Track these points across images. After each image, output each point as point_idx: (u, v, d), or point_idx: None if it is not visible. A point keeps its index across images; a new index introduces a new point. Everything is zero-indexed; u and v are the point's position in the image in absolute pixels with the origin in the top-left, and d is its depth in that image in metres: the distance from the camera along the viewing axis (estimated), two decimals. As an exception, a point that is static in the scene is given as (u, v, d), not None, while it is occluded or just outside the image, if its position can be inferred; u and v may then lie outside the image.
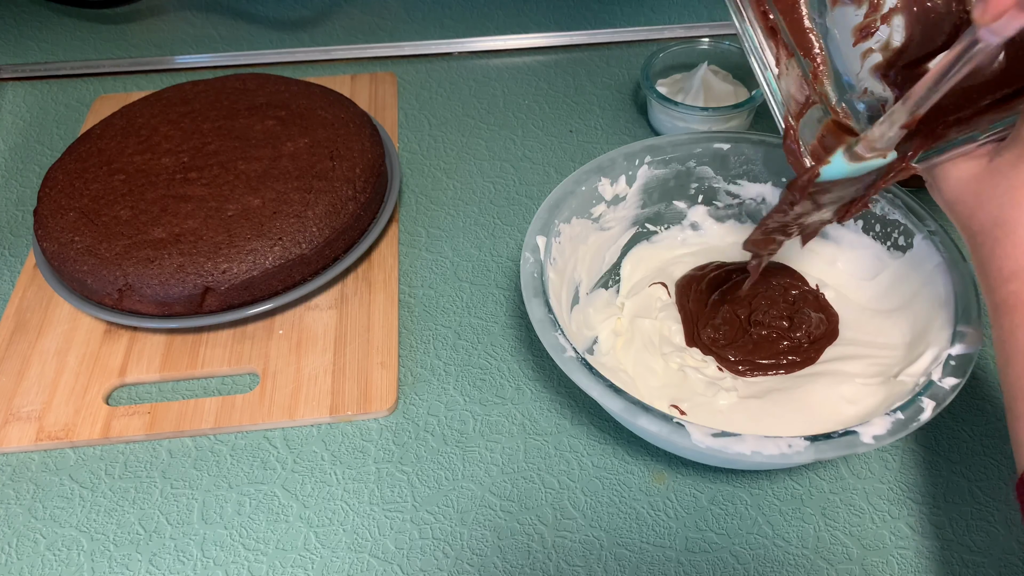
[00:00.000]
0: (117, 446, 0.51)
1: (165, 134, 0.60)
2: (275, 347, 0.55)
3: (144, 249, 0.53)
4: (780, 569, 0.46)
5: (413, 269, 0.61)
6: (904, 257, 0.51)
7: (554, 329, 0.45)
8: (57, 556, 0.47)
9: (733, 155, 0.56)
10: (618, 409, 0.41)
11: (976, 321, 0.45)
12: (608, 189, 0.55)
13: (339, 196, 0.57)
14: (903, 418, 0.40)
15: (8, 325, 0.57)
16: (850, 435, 0.40)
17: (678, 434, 0.40)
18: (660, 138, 0.57)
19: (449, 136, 0.72)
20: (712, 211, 0.59)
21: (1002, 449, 0.50)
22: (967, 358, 0.43)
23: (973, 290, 0.46)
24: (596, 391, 0.42)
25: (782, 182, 0.56)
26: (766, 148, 0.56)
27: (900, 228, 0.52)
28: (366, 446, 0.51)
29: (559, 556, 0.46)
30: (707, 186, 0.58)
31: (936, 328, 0.46)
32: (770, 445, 0.39)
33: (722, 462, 0.47)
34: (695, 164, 0.57)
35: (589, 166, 0.55)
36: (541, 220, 0.51)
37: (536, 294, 0.47)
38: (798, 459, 0.39)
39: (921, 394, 0.41)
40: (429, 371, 0.55)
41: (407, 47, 0.81)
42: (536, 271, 0.48)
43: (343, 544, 0.47)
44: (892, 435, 0.40)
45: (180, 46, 0.83)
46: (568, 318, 0.52)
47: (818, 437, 0.40)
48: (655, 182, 0.57)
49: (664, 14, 0.85)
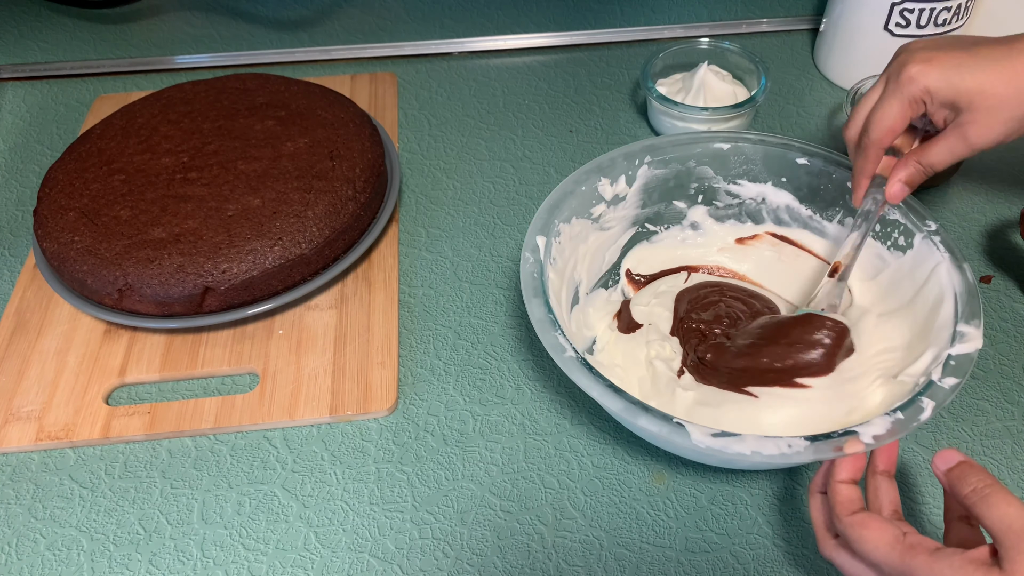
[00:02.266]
0: (117, 446, 0.51)
1: (165, 134, 0.60)
2: (275, 347, 0.55)
3: (144, 249, 0.53)
4: (780, 569, 0.46)
5: (413, 269, 0.61)
6: (904, 257, 0.51)
7: (554, 329, 0.45)
8: (57, 556, 0.47)
9: (733, 155, 0.56)
10: (618, 409, 0.41)
11: (976, 321, 0.44)
12: (608, 189, 0.55)
13: (339, 196, 0.57)
14: (903, 418, 0.40)
15: (8, 325, 0.57)
16: (850, 435, 0.40)
17: (678, 434, 0.40)
18: (660, 138, 0.57)
19: (449, 136, 0.72)
20: (712, 211, 0.59)
21: (1002, 449, 0.50)
22: (967, 358, 0.43)
23: (974, 290, 0.46)
24: (596, 391, 0.42)
25: (782, 182, 0.57)
26: (765, 148, 0.56)
27: (900, 228, 0.51)
28: (366, 446, 0.51)
29: (559, 556, 0.46)
30: (707, 186, 0.58)
31: (936, 328, 0.46)
32: (770, 445, 0.39)
33: (722, 462, 0.47)
34: (695, 164, 0.57)
35: (589, 166, 0.54)
36: (541, 220, 0.51)
37: (536, 294, 0.47)
38: (797, 459, 0.39)
39: (921, 394, 0.41)
40: (429, 371, 0.55)
41: (407, 47, 0.81)
42: (536, 271, 0.48)
43: (343, 544, 0.47)
44: (892, 435, 0.40)
45: (180, 46, 0.83)
46: (568, 318, 0.52)
47: (818, 437, 0.40)
48: (655, 182, 0.57)
49: (664, 14, 0.85)
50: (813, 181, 0.56)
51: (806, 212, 0.57)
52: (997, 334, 0.56)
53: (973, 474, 0.36)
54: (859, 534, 0.37)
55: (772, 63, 0.79)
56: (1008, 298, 0.58)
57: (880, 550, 0.36)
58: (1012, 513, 0.33)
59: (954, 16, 0.68)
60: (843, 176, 0.54)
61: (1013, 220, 0.63)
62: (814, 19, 0.84)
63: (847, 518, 0.38)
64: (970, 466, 0.36)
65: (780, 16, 0.85)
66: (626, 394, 0.42)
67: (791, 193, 0.57)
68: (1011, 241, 0.62)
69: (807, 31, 0.83)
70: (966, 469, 0.36)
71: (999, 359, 0.55)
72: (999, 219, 0.63)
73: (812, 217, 0.57)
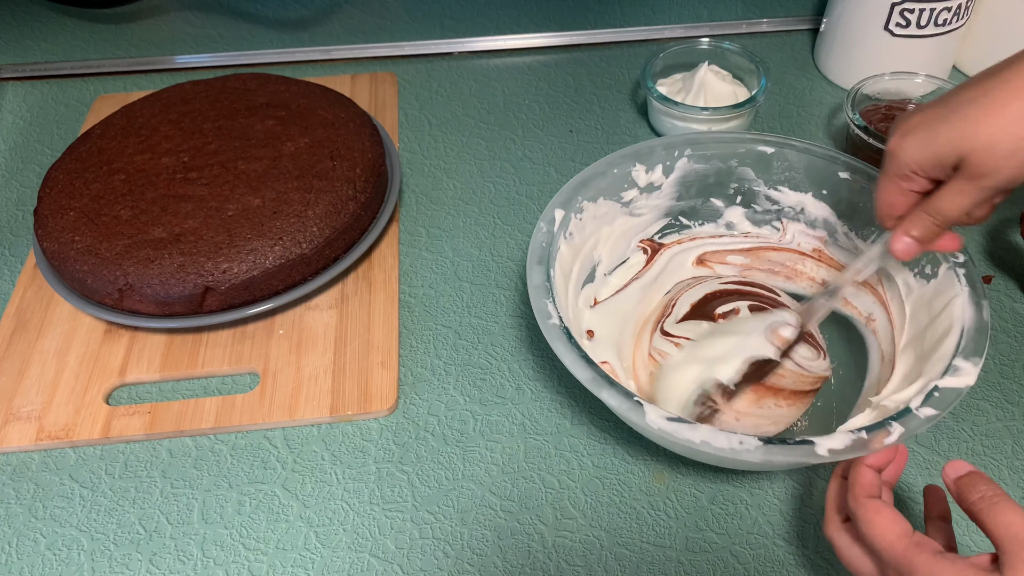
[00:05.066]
0: (117, 446, 0.51)
1: (165, 134, 0.60)
2: (275, 347, 0.55)
3: (144, 249, 0.53)
4: (780, 569, 0.46)
5: (413, 269, 0.61)
6: (927, 286, 0.49)
7: (546, 296, 0.46)
8: (57, 556, 0.47)
9: (776, 160, 0.55)
10: (584, 379, 0.42)
11: (976, 359, 0.42)
12: (643, 176, 0.55)
13: (339, 196, 0.57)
14: (865, 438, 0.39)
15: (8, 325, 0.57)
16: (806, 444, 0.39)
17: (635, 412, 0.41)
18: (703, 133, 0.56)
19: (449, 136, 0.72)
20: (749, 214, 0.58)
21: (1002, 449, 0.50)
22: (953, 392, 0.41)
23: (984, 328, 0.44)
24: (568, 359, 0.43)
25: (822, 194, 0.55)
26: (810, 157, 0.54)
27: (928, 256, 0.49)
28: (366, 446, 0.51)
29: (559, 556, 0.46)
30: (747, 188, 0.57)
31: (935, 359, 0.44)
32: (721, 438, 0.39)
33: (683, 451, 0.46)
34: (737, 164, 0.56)
35: (626, 150, 0.54)
36: (564, 195, 0.51)
37: (540, 262, 0.48)
38: (748, 456, 0.39)
39: (894, 419, 0.40)
40: (429, 371, 0.55)
41: (407, 47, 0.81)
42: (546, 241, 0.49)
43: (343, 544, 0.47)
44: (849, 452, 0.39)
45: (180, 46, 0.83)
46: (576, 293, 0.53)
47: (772, 440, 0.39)
48: (694, 176, 0.56)
49: (664, 14, 0.85)
50: (854, 198, 0.54)
51: (843, 228, 0.55)
52: (997, 334, 0.56)
53: (982, 483, 0.36)
54: (871, 517, 0.37)
55: (772, 63, 0.79)
56: (1008, 298, 0.58)
57: (886, 538, 0.36)
58: (1017, 522, 0.34)
59: (954, 16, 0.68)
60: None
61: (1013, 220, 0.63)
62: (814, 19, 0.84)
63: (863, 499, 0.38)
64: (980, 476, 0.37)
65: (780, 16, 0.85)
66: (596, 367, 0.43)
67: (830, 207, 0.55)
68: (1011, 241, 0.62)
69: (807, 31, 0.83)
70: (976, 478, 0.37)
71: (999, 359, 0.55)
72: (999, 219, 0.63)
73: (848, 234, 0.55)
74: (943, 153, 0.39)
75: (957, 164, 0.39)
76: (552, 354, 0.55)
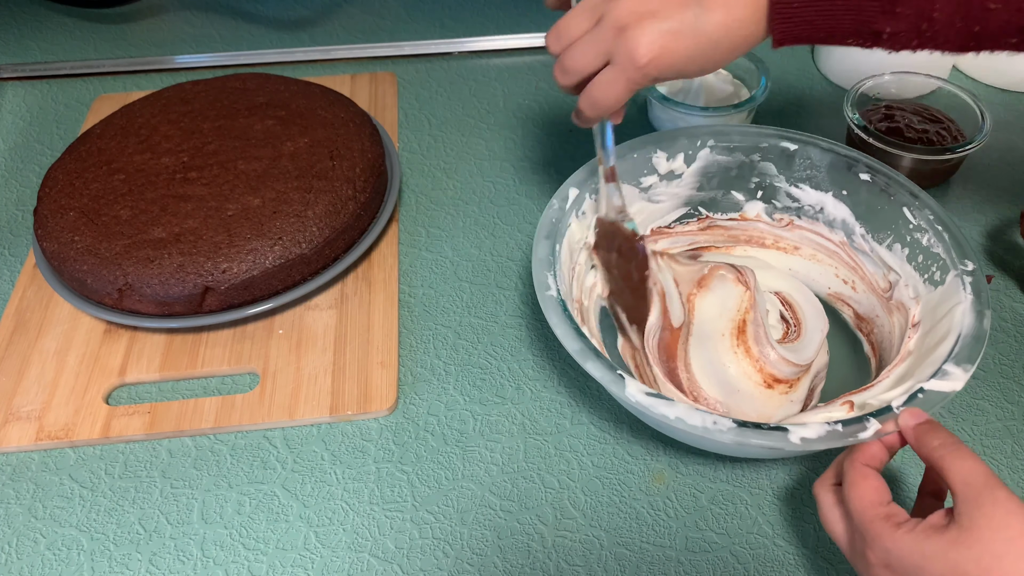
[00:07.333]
0: (117, 446, 0.51)
1: (165, 134, 0.60)
2: (275, 347, 0.55)
3: (144, 249, 0.53)
4: (780, 569, 0.46)
5: (413, 269, 0.61)
6: (934, 292, 0.49)
7: (547, 269, 0.47)
8: (57, 556, 0.47)
9: (799, 157, 0.55)
10: (573, 350, 0.43)
11: (967, 365, 0.42)
12: (664, 163, 0.55)
13: (339, 196, 0.57)
14: (840, 431, 0.39)
15: (8, 325, 0.57)
16: (779, 431, 0.39)
17: (616, 384, 0.41)
18: (729, 125, 0.56)
19: (449, 136, 0.72)
20: (769, 209, 0.58)
21: (1002, 449, 0.50)
22: (938, 396, 0.41)
23: (982, 337, 0.43)
24: (560, 330, 0.44)
25: (843, 195, 0.55)
26: (833, 156, 0.54)
27: (939, 262, 0.49)
28: (366, 446, 0.51)
29: (559, 556, 0.46)
30: (768, 183, 0.57)
31: (927, 363, 0.44)
32: (696, 416, 0.40)
33: (718, 448, 0.47)
34: (759, 158, 0.56)
35: (648, 137, 0.55)
36: (581, 174, 0.52)
37: (548, 236, 0.49)
38: (720, 437, 0.39)
39: (872, 415, 0.40)
40: (429, 371, 0.55)
41: (407, 47, 0.81)
42: (556, 218, 0.50)
43: (343, 544, 0.47)
44: (824, 442, 0.39)
45: (180, 46, 0.83)
46: (584, 273, 0.53)
47: (747, 424, 0.40)
48: (716, 167, 0.56)
49: (664, 14, 0.85)
50: (872, 200, 0.53)
51: (860, 230, 0.55)
52: (997, 334, 0.56)
53: (942, 431, 0.37)
54: (856, 480, 0.37)
55: (772, 63, 0.79)
56: (1008, 298, 0.58)
57: (862, 501, 0.37)
58: (972, 467, 0.34)
59: (954, 16, 0.68)
60: (902, 199, 0.51)
61: (1013, 220, 0.63)
62: (814, 19, 0.83)
63: (858, 462, 0.38)
64: (938, 425, 0.37)
65: (780, 16, 0.85)
66: (586, 339, 0.44)
67: (849, 208, 0.55)
68: (1011, 241, 0.62)
69: (807, 31, 0.83)
70: (935, 426, 0.37)
71: (999, 359, 0.55)
72: (999, 219, 0.63)
73: (865, 236, 0.54)
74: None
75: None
76: (552, 354, 0.55)
